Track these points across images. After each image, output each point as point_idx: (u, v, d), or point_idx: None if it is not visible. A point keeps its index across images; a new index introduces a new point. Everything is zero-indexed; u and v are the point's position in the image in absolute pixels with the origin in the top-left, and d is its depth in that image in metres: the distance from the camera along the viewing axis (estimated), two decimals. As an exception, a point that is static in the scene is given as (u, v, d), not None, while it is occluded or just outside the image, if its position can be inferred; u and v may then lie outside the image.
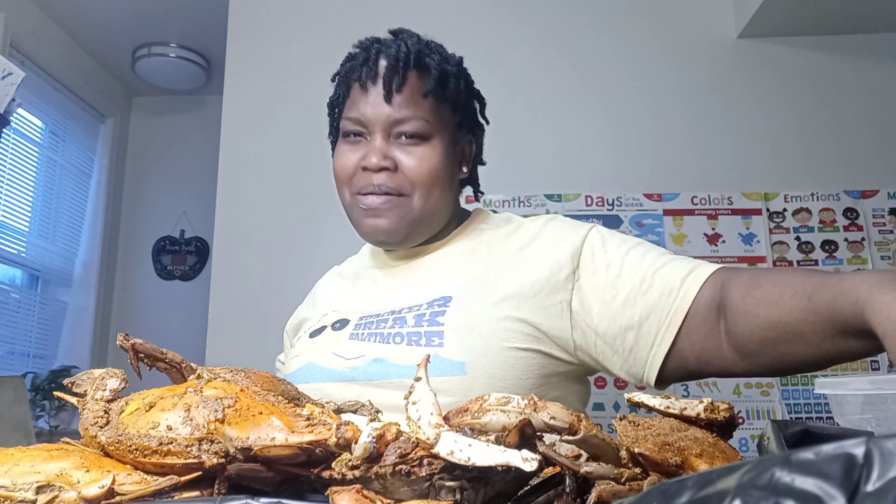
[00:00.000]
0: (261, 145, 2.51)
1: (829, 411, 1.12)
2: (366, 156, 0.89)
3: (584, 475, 0.41)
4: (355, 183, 0.91)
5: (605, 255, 0.85)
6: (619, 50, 2.50)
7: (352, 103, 0.92)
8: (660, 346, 0.79)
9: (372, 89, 0.89)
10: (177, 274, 3.71)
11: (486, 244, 0.94)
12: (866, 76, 2.46)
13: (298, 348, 0.94)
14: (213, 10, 2.93)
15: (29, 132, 3.15)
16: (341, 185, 0.93)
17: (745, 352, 0.72)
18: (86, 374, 0.54)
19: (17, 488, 0.40)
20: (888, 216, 2.33)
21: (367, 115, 0.89)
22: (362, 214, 0.91)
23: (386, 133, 0.89)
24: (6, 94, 1.08)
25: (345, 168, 0.92)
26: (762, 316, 0.68)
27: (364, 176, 0.90)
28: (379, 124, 0.89)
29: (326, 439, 0.42)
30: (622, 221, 2.36)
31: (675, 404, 0.50)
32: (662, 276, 0.80)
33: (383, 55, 0.90)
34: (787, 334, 0.66)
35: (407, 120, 0.88)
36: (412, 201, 0.89)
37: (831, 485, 0.22)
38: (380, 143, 0.89)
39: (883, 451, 0.22)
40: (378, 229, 0.90)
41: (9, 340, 3.02)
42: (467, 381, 0.78)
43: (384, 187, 0.88)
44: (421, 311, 0.85)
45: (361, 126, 0.90)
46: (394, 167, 0.88)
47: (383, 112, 0.88)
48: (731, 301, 0.73)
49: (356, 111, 0.90)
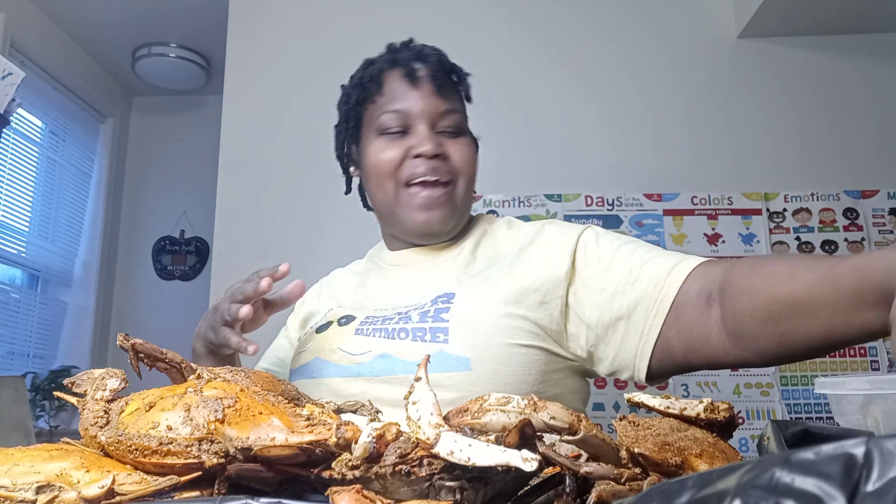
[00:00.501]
0: (261, 145, 2.51)
1: (829, 411, 1.12)
2: (417, 144, 0.91)
3: (584, 475, 0.41)
4: (402, 173, 0.92)
5: (598, 249, 0.87)
6: (620, 50, 2.51)
7: (392, 98, 0.94)
8: (648, 335, 0.80)
9: (418, 84, 0.94)
10: (177, 274, 3.71)
11: (488, 245, 0.96)
12: (866, 76, 2.46)
13: (305, 343, 0.95)
14: (213, 10, 2.93)
15: (29, 132, 3.15)
16: (383, 180, 0.94)
17: (740, 333, 0.71)
18: (86, 374, 0.54)
19: (17, 488, 0.40)
20: (888, 216, 2.33)
21: (414, 107, 0.93)
22: (415, 208, 0.92)
23: (431, 125, 0.93)
24: (6, 94, 1.08)
25: (390, 161, 0.93)
26: (769, 291, 0.67)
27: (413, 164, 0.92)
28: (427, 115, 0.93)
29: (326, 439, 0.42)
30: (622, 221, 2.36)
31: (674, 404, 0.50)
32: (650, 268, 0.81)
33: (419, 58, 0.96)
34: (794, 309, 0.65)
35: (450, 112, 0.94)
36: (456, 190, 0.94)
37: (831, 485, 0.22)
38: (428, 132, 0.92)
39: (883, 451, 0.22)
40: (432, 222, 0.92)
41: (9, 340, 3.02)
42: (472, 377, 0.79)
43: (439, 173, 0.91)
44: (425, 307, 0.86)
45: (405, 119, 0.93)
46: (444, 155, 0.92)
47: (431, 104, 0.93)
48: (732, 281, 0.72)
49: (400, 104, 0.93)
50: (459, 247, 0.97)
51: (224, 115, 2.54)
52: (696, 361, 0.78)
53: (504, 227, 0.99)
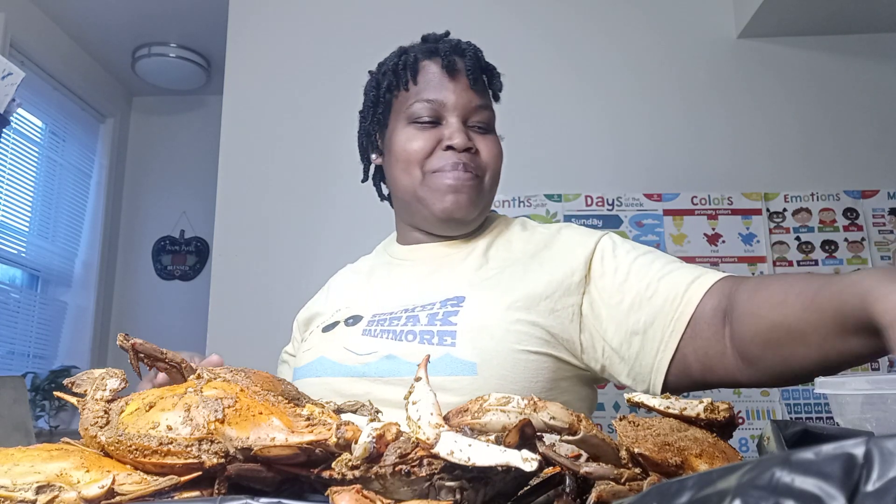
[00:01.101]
0: (261, 145, 2.51)
1: (829, 411, 1.12)
2: (449, 136, 0.91)
3: (584, 475, 0.41)
4: (432, 162, 0.92)
5: (615, 259, 0.86)
6: (620, 50, 2.51)
7: (426, 88, 0.94)
8: (664, 352, 0.79)
9: (456, 76, 0.93)
10: (177, 274, 3.71)
11: (502, 247, 0.96)
12: (866, 76, 2.46)
13: (311, 342, 0.95)
14: (213, 10, 2.93)
15: (29, 132, 3.15)
16: (411, 167, 0.93)
17: (748, 356, 0.71)
18: (86, 374, 0.54)
19: (17, 488, 0.40)
20: (888, 216, 2.33)
21: (449, 99, 0.92)
22: (443, 190, 0.91)
23: (463, 119, 0.93)
24: (6, 94, 1.08)
25: (420, 150, 0.92)
26: (766, 317, 0.68)
27: (445, 155, 0.92)
28: (460, 108, 0.92)
29: (326, 439, 0.42)
30: (622, 221, 2.36)
31: (674, 404, 0.50)
32: (667, 283, 0.80)
33: (457, 51, 0.95)
34: (788, 335, 0.65)
35: (482, 108, 0.95)
36: (483, 183, 0.94)
37: (831, 485, 0.22)
38: (460, 125, 0.92)
39: (883, 451, 0.22)
40: (459, 205, 0.91)
41: (9, 340, 3.02)
42: (478, 382, 0.78)
43: (469, 166, 0.91)
44: (434, 310, 0.86)
45: (438, 110, 0.93)
46: (475, 150, 0.93)
47: (465, 97, 0.93)
48: (737, 303, 0.72)
49: (435, 94, 0.93)
50: (472, 245, 0.96)
51: (224, 115, 2.54)
52: (713, 379, 0.78)
53: (519, 229, 0.98)
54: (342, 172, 2.32)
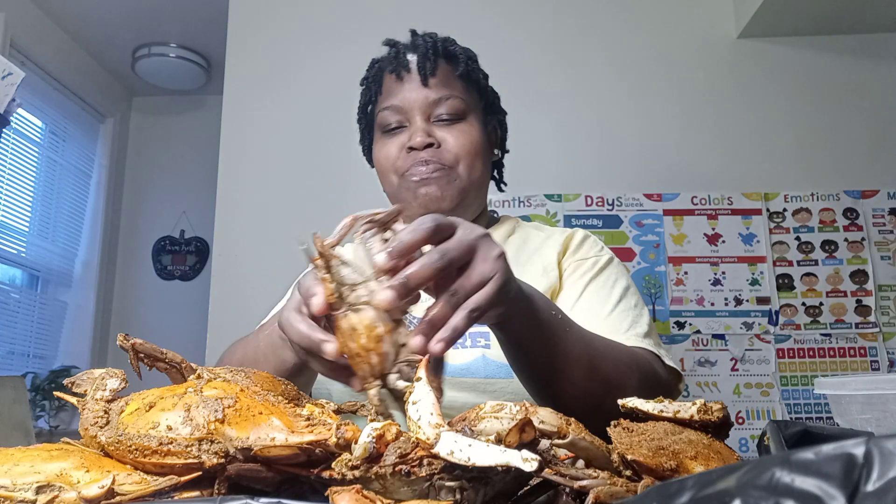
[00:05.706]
0: (261, 145, 2.51)
1: (829, 411, 1.12)
2: (410, 138, 0.92)
3: (580, 489, 0.41)
4: (401, 166, 0.93)
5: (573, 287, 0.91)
6: (619, 50, 2.51)
7: (387, 95, 0.95)
8: None
9: (407, 77, 0.93)
10: (177, 274, 3.71)
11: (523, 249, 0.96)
12: (866, 76, 2.46)
13: None
14: (213, 10, 2.93)
15: (29, 132, 3.15)
16: (387, 173, 0.95)
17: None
18: (86, 374, 0.54)
19: (17, 488, 0.40)
20: (888, 216, 2.33)
21: (405, 101, 0.93)
22: (413, 187, 0.92)
23: (425, 116, 0.93)
24: (6, 94, 1.08)
25: (388, 156, 0.94)
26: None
27: (409, 157, 0.92)
28: (418, 107, 0.93)
29: (326, 439, 0.42)
30: (622, 221, 2.36)
31: (668, 407, 0.50)
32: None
33: (411, 49, 0.95)
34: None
35: (444, 100, 0.93)
36: (457, 171, 0.93)
37: (831, 485, 0.22)
38: (421, 124, 0.92)
39: (883, 451, 0.22)
40: (431, 196, 0.91)
41: (9, 340, 3.02)
42: (513, 385, 0.76)
43: (431, 161, 0.91)
44: None
45: (400, 114, 0.93)
46: (437, 144, 0.92)
47: (421, 95, 0.93)
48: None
49: (393, 100, 0.94)
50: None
51: (224, 115, 2.54)
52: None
53: (534, 231, 1.01)
54: (342, 172, 2.32)
